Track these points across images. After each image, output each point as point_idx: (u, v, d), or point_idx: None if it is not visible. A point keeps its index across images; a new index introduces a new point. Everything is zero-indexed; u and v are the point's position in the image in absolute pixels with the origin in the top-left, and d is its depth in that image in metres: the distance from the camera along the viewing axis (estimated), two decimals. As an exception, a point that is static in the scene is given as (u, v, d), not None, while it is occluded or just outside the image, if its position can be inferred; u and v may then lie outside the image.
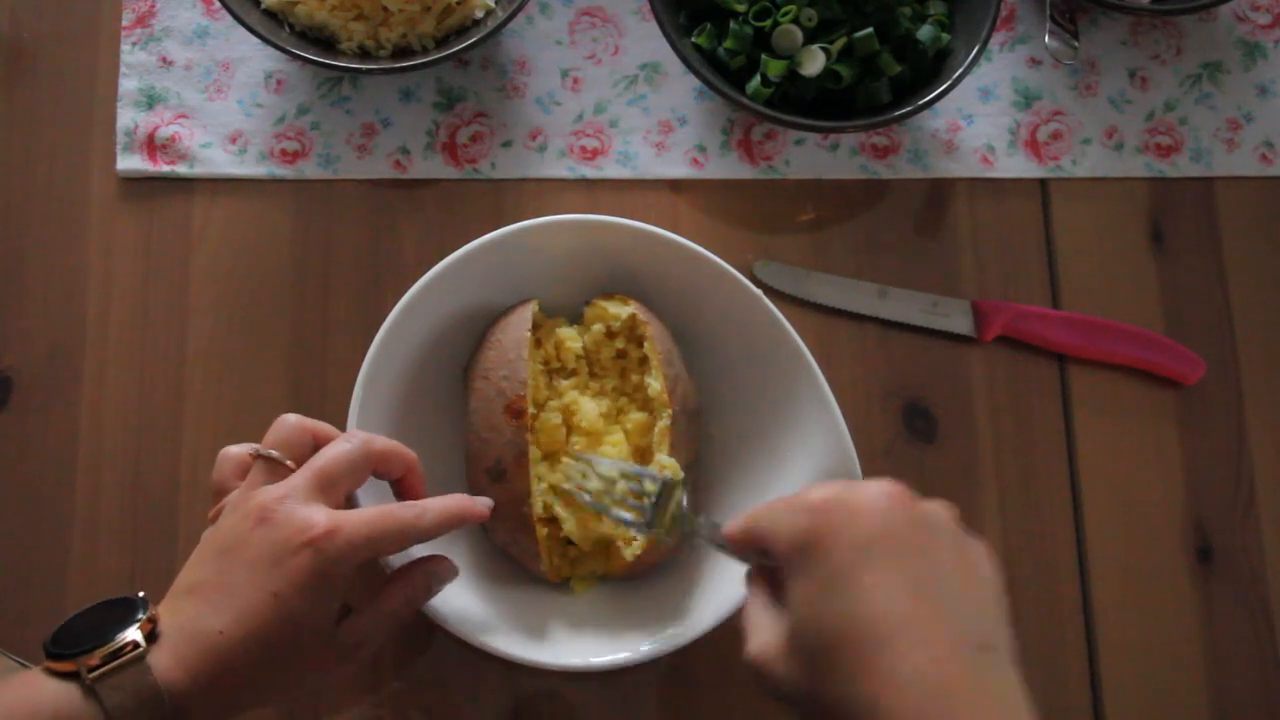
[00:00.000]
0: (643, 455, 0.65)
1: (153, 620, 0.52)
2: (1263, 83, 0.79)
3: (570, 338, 0.67)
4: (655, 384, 0.64)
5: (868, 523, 0.46)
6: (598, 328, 0.67)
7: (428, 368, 0.66)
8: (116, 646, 0.50)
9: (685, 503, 0.58)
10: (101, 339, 0.72)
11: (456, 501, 0.57)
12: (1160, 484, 0.73)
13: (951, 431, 0.73)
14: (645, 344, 0.65)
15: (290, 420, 0.58)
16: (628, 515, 0.59)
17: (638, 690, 0.68)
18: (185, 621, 0.52)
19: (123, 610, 0.52)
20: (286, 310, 0.73)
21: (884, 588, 0.44)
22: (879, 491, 0.47)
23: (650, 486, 0.59)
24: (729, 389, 0.68)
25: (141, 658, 0.50)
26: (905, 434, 0.73)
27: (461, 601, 0.63)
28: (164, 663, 0.50)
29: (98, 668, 0.49)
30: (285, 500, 0.53)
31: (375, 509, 0.55)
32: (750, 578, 0.52)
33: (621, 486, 0.60)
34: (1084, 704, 0.70)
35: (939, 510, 0.48)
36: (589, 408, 0.65)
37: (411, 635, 0.68)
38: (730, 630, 0.65)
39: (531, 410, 0.62)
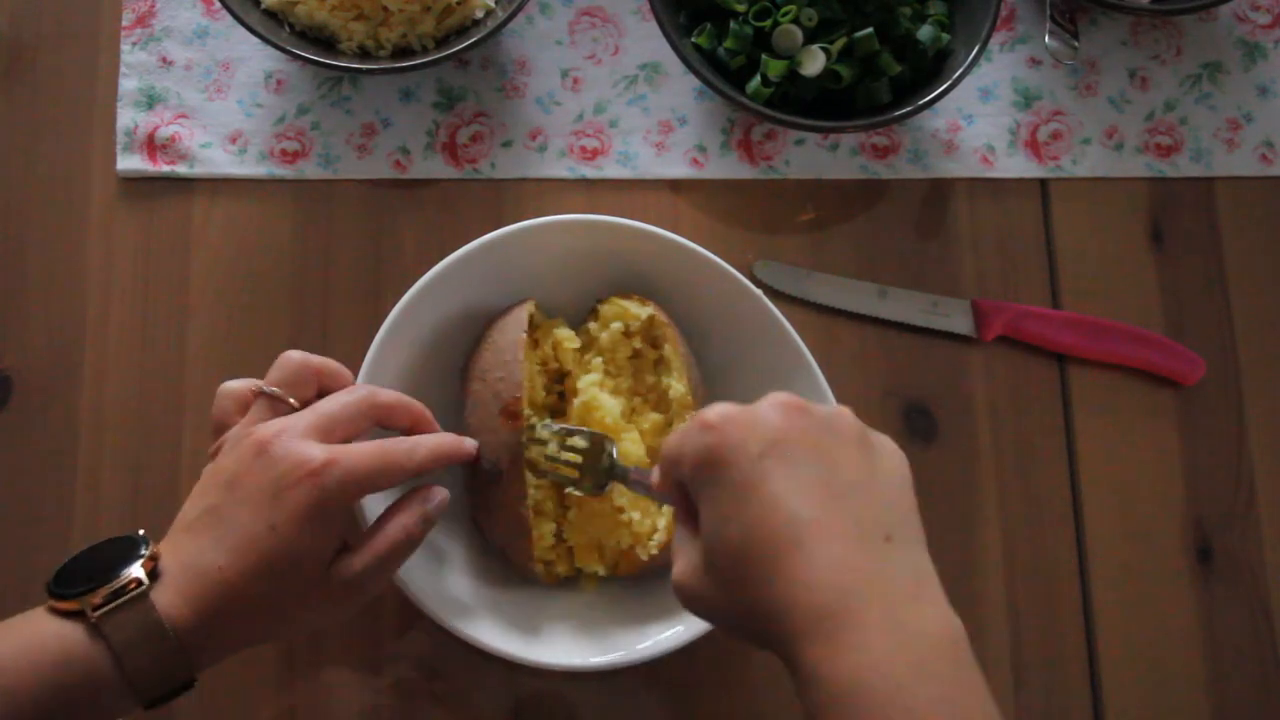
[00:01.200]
0: (654, 456, 0.65)
1: (154, 558, 0.52)
2: (1263, 83, 0.79)
3: (568, 339, 0.67)
4: (679, 386, 0.64)
5: (764, 432, 0.46)
6: (616, 326, 0.67)
7: (428, 368, 0.66)
8: (120, 584, 0.50)
9: (615, 454, 0.60)
10: (101, 339, 0.72)
11: (446, 440, 0.59)
12: (1160, 484, 0.73)
13: (951, 431, 0.73)
14: (666, 346, 0.65)
15: (294, 357, 0.58)
16: (566, 475, 0.61)
17: (638, 690, 0.68)
18: (186, 557, 0.52)
19: (124, 548, 0.52)
20: (286, 310, 0.73)
21: (785, 493, 0.44)
22: (772, 402, 0.47)
23: (580, 443, 0.61)
24: (729, 389, 0.68)
25: (145, 594, 0.50)
26: (905, 434, 0.73)
27: (462, 601, 0.63)
28: (167, 599, 0.50)
29: (101, 606, 0.50)
30: (283, 435, 0.54)
31: (370, 444, 0.55)
32: (677, 515, 0.51)
33: (553, 448, 0.62)
34: (1084, 704, 0.70)
35: (838, 412, 0.48)
36: (609, 404, 0.65)
37: (406, 620, 0.68)
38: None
39: (528, 412, 0.62)
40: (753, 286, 0.66)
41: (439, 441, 0.58)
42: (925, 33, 0.72)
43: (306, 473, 0.52)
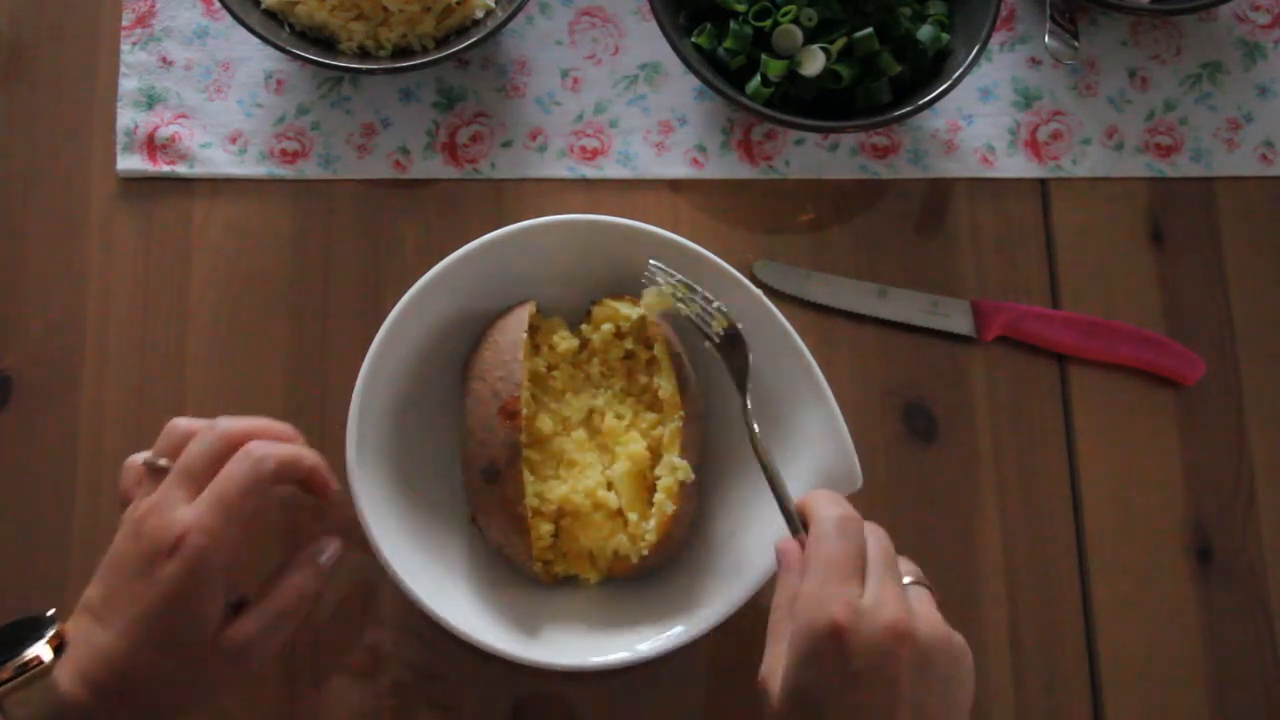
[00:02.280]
0: (652, 455, 0.65)
1: (59, 636, 0.53)
2: (1263, 83, 0.79)
3: (565, 339, 0.67)
4: (667, 386, 0.64)
5: (874, 655, 0.49)
6: (607, 327, 0.67)
7: (428, 368, 0.66)
8: (24, 661, 0.52)
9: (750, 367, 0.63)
10: (101, 339, 0.72)
11: (294, 451, 0.57)
12: (1160, 484, 0.73)
13: (951, 431, 0.73)
14: (656, 346, 0.66)
15: (179, 425, 0.58)
16: (710, 328, 0.64)
17: (638, 690, 0.68)
18: (83, 636, 0.53)
19: (32, 626, 0.54)
20: (286, 310, 0.73)
21: (865, 710, 0.49)
22: (891, 624, 0.50)
23: (721, 325, 0.63)
24: (729, 389, 0.68)
25: (47, 672, 0.52)
26: (905, 434, 0.73)
27: (462, 600, 0.63)
28: (67, 678, 0.52)
29: (7, 681, 0.51)
30: (153, 511, 0.54)
31: (208, 493, 0.54)
32: (787, 555, 0.55)
33: (697, 305, 0.64)
34: (1084, 704, 0.70)
35: (937, 635, 0.51)
36: (610, 419, 0.66)
37: (405, 620, 0.68)
38: (730, 632, 0.65)
39: (526, 411, 0.63)
40: (753, 286, 0.65)
41: (284, 450, 0.56)
42: (925, 33, 0.72)
43: (168, 548, 0.53)
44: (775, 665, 0.52)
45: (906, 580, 0.54)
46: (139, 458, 0.58)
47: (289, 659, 0.68)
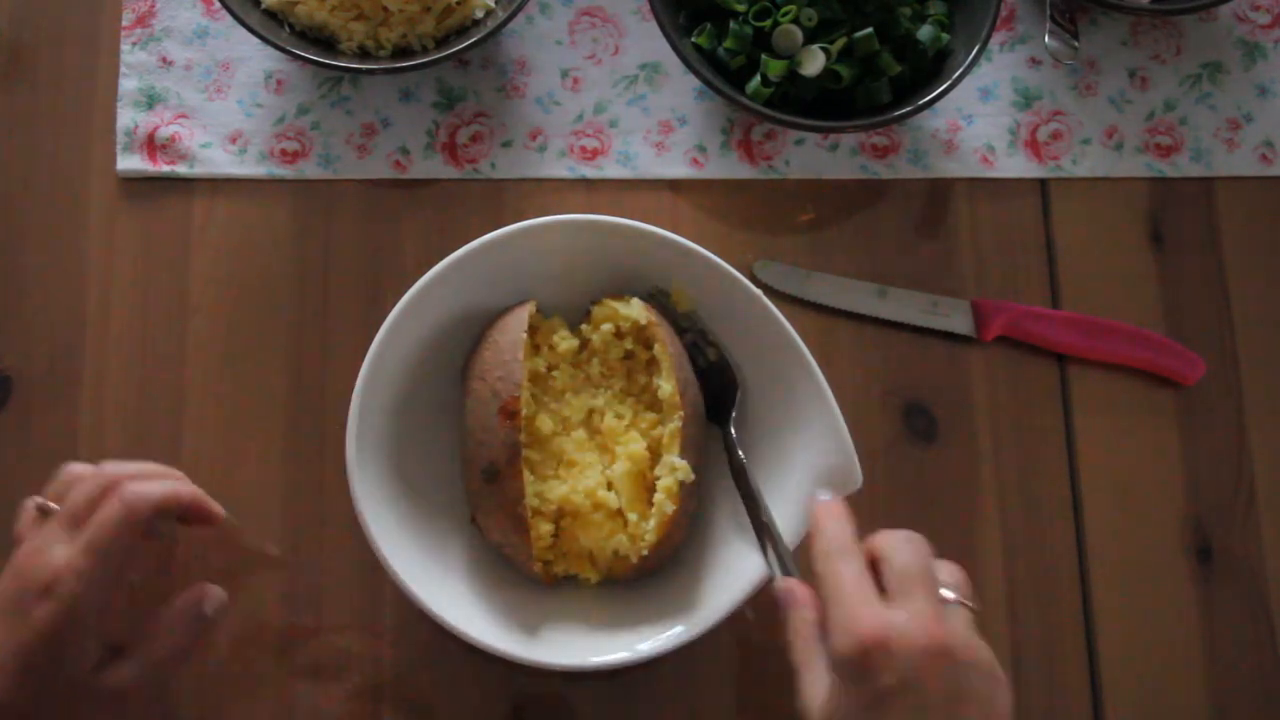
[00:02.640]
0: (652, 455, 0.65)
1: None
2: (1263, 83, 0.79)
3: (565, 339, 0.67)
4: (667, 386, 0.64)
5: (906, 673, 0.49)
6: (607, 327, 0.67)
7: (428, 368, 0.66)
8: None
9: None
10: (101, 339, 0.72)
11: (170, 487, 0.57)
12: (1160, 484, 0.73)
13: (951, 431, 0.73)
14: (656, 346, 0.66)
15: (72, 470, 0.58)
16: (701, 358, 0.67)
17: (638, 690, 0.68)
18: None
19: None
20: (286, 310, 0.73)
21: None
22: (925, 643, 0.50)
23: (711, 356, 0.67)
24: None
25: None
26: (905, 434, 0.73)
27: (462, 601, 0.63)
28: None
29: None
30: (34, 552, 0.54)
31: (84, 532, 0.54)
32: (791, 593, 0.56)
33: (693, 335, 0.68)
34: (1084, 704, 0.70)
35: (974, 655, 0.51)
36: (610, 419, 0.66)
37: (405, 619, 0.68)
38: (730, 630, 0.65)
39: (526, 411, 0.63)
40: (753, 286, 0.65)
41: (165, 488, 0.57)
42: (925, 33, 0.72)
43: (44, 587, 0.53)
44: (812, 692, 0.53)
45: (949, 596, 0.53)
46: (32, 501, 0.58)
47: (288, 658, 0.68)
